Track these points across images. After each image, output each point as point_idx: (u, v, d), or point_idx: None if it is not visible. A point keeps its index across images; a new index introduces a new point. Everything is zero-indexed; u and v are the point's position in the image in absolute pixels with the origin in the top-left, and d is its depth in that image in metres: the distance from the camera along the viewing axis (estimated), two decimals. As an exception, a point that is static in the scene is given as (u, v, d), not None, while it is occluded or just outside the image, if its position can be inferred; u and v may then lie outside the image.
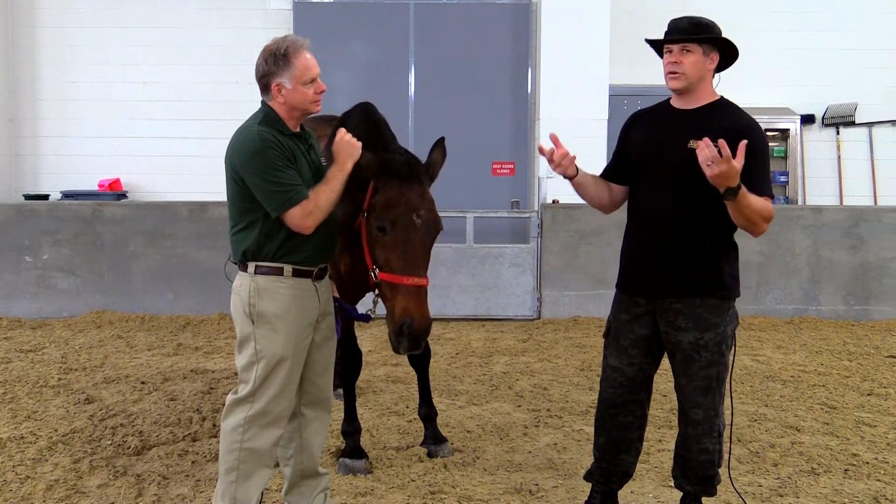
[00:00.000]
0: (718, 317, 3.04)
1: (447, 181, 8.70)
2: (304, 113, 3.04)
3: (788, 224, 8.02)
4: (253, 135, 2.91)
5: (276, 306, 2.96)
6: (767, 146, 3.05)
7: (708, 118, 3.04)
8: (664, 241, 3.06)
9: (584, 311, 7.98)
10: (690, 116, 3.08)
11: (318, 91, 3.00)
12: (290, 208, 2.87)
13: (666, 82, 3.10)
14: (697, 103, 3.09)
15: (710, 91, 3.11)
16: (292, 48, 2.94)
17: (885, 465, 4.06)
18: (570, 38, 8.59)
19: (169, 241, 7.97)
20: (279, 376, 2.97)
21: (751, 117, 3.06)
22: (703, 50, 3.03)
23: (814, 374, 5.92)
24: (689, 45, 3.02)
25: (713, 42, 3.04)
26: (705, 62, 3.04)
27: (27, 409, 4.89)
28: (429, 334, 3.10)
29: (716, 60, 3.06)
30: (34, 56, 9.58)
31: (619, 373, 3.21)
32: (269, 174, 2.86)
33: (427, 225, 3.15)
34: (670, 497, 3.61)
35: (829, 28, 9.72)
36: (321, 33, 9.13)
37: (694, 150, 2.91)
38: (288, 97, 2.96)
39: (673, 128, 3.08)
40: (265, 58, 2.97)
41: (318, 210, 2.91)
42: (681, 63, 3.03)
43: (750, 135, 2.95)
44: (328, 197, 2.94)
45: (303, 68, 2.94)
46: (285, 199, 2.86)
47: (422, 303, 3.06)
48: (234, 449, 2.98)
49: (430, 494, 3.64)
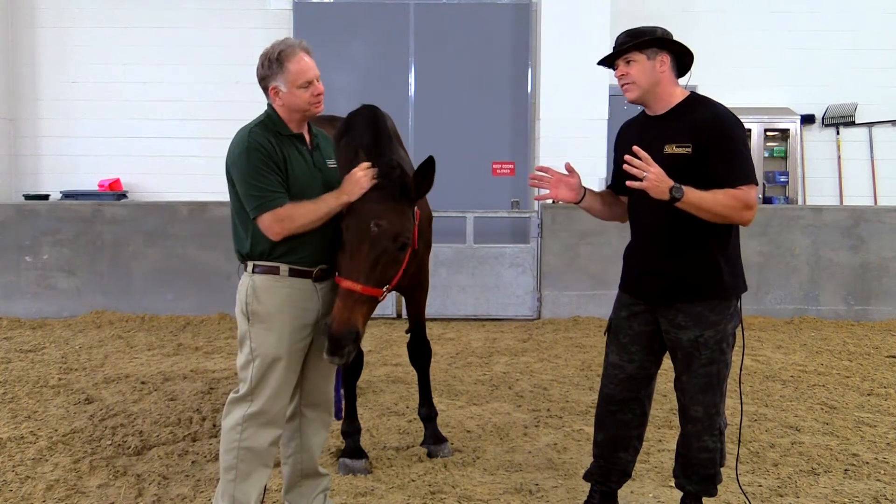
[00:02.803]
0: (719, 315, 3.05)
1: (447, 181, 8.73)
2: (305, 114, 3.04)
3: (788, 224, 8.03)
4: (243, 136, 2.95)
5: (271, 305, 2.96)
6: (741, 136, 3.02)
7: (679, 118, 3.05)
8: (659, 249, 3.08)
9: (584, 311, 7.98)
10: (662, 120, 3.10)
11: (316, 94, 2.99)
12: (262, 213, 2.87)
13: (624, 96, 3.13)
14: (666, 107, 3.10)
15: (673, 92, 3.10)
16: (286, 52, 2.94)
17: (885, 465, 4.06)
18: (570, 38, 8.60)
19: (169, 241, 7.97)
20: (274, 375, 2.97)
21: (722, 108, 3.05)
22: (647, 55, 3.04)
23: (814, 374, 5.92)
24: (629, 55, 3.05)
25: (654, 45, 3.04)
26: (654, 66, 3.04)
27: (27, 409, 4.89)
28: (346, 342, 2.88)
29: (666, 62, 3.06)
30: (34, 56, 9.59)
31: (620, 370, 3.22)
32: (249, 177, 2.88)
33: (382, 233, 3.01)
34: (670, 497, 3.61)
35: (829, 28, 9.73)
36: (321, 33, 9.14)
37: (672, 154, 2.95)
38: (285, 100, 2.97)
39: (650, 135, 3.10)
40: (262, 61, 2.99)
41: (289, 221, 2.88)
42: (627, 74, 3.07)
43: (717, 129, 2.96)
44: (306, 214, 2.91)
45: (297, 72, 2.93)
46: (258, 203, 2.87)
47: (346, 307, 2.91)
48: (233, 448, 2.98)
49: (430, 494, 3.64)
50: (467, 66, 9.37)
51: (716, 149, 2.94)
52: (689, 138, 2.97)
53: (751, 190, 2.94)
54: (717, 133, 2.95)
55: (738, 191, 2.91)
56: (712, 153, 2.94)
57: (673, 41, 3.08)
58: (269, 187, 2.88)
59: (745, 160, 2.99)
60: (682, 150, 2.98)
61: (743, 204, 2.92)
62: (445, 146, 8.92)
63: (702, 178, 2.96)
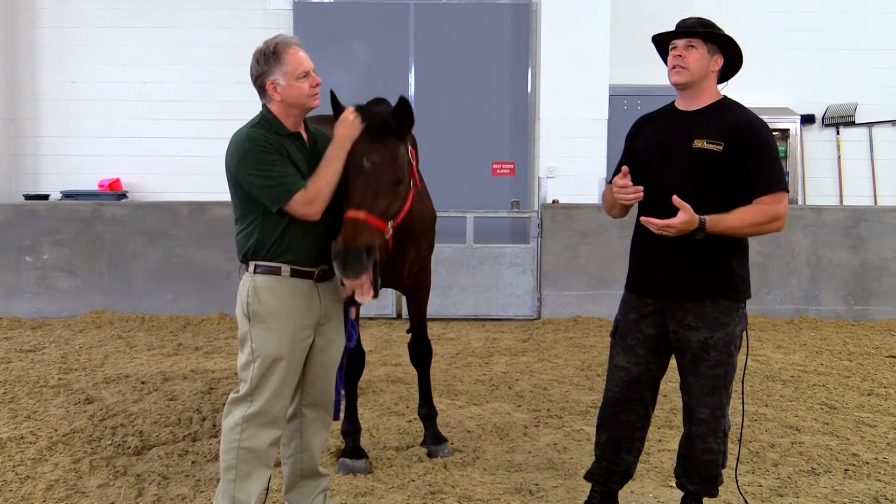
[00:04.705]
0: (728, 316, 3.05)
1: (447, 181, 8.74)
2: (303, 109, 3.04)
3: (788, 224, 7.92)
4: (242, 137, 2.95)
5: (272, 305, 2.96)
6: (773, 144, 3.05)
7: (711, 117, 3.06)
8: (670, 244, 3.04)
9: (584, 311, 7.98)
10: (694, 116, 3.10)
11: (314, 84, 3.00)
12: (288, 199, 2.87)
13: (669, 77, 3.13)
14: (700, 104, 3.11)
15: (712, 92, 3.13)
16: (282, 45, 2.95)
17: (885, 465, 4.06)
18: (570, 38, 8.60)
19: (169, 241, 7.97)
20: (275, 376, 2.97)
21: (754, 115, 3.08)
22: (708, 49, 3.06)
23: (814, 374, 5.92)
24: (693, 40, 3.06)
25: (718, 43, 3.07)
26: (709, 61, 3.07)
27: (27, 409, 4.89)
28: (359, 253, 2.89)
29: (719, 63, 3.09)
30: (34, 56, 9.58)
31: (626, 372, 3.21)
32: (260, 171, 2.88)
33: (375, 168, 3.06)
34: (670, 497, 3.61)
35: (830, 28, 9.73)
36: (321, 33, 9.14)
37: (701, 148, 2.95)
38: (284, 93, 2.97)
39: (677, 129, 3.10)
40: (257, 59, 2.99)
41: (320, 194, 2.91)
42: (685, 58, 3.06)
43: (752, 132, 2.98)
44: (329, 178, 2.94)
45: (294, 63, 2.95)
46: (281, 191, 2.87)
47: (352, 229, 2.93)
48: (233, 448, 2.98)
49: (430, 494, 3.64)
50: (467, 66, 9.36)
51: (752, 152, 2.96)
52: (722, 137, 2.98)
53: (783, 198, 2.97)
54: (753, 137, 2.97)
55: (767, 205, 2.94)
56: (749, 156, 2.96)
57: (738, 50, 3.11)
58: (282, 173, 2.88)
59: (779, 166, 3.02)
60: (714, 146, 2.98)
61: (771, 217, 2.95)
62: (445, 146, 8.92)
63: (728, 178, 2.97)
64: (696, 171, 2.95)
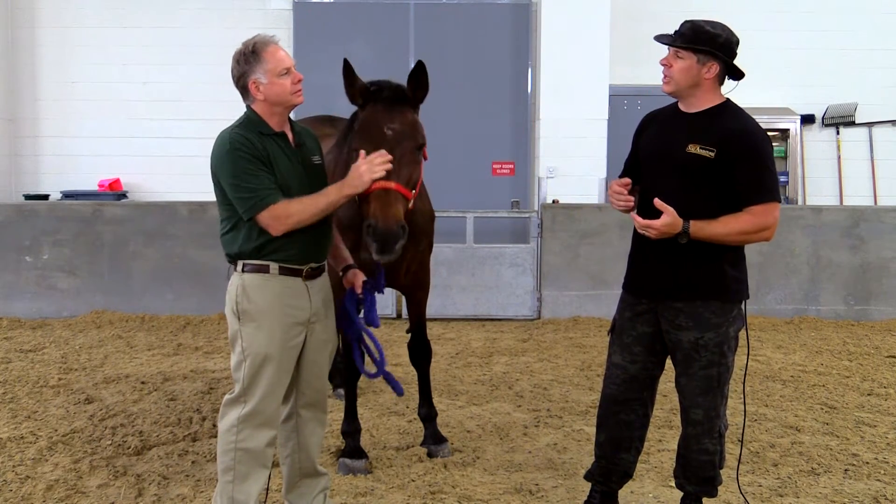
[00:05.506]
0: (720, 317, 3.04)
1: (447, 181, 8.73)
2: (287, 106, 3.03)
3: (788, 224, 8.01)
4: (224, 139, 2.95)
5: (260, 304, 2.95)
6: (769, 152, 3.02)
7: (709, 122, 3.03)
8: (664, 244, 3.05)
9: (584, 311, 7.97)
10: (692, 120, 3.08)
11: (296, 81, 3.00)
12: (258, 213, 2.87)
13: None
14: (699, 107, 3.08)
15: (711, 96, 3.07)
16: (260, 44, 2.96)
17: (885, 465, 4.06)
18: (570, 38, 8.60)
19: (169, 241, 7.97)
20: (266, 375, 2.96)
21: (754, 122, 3.04)
22: (698, 58, 2.99)
23: (814, 374, 5.92)
24: (680, 50, 3.01)
25: (708, 53, 2.98)
26: (699, 70, 3.00)
27: (27, 409, 4.89)
28: (397, 237, 3.03)
29: (714, 70, 3.01)
30: (34, 56, 9.59)
31: (622, 370, 3.22)
32: (237, 178, 2.87)
33: (397, 136, 3.17)
34: (670, 497, 3.61)
35: (829, 28, 9.73)
36: (321, 33, 9.14)
37: (694, 154, 2.94)
38: (266, 92, 2.96)
39: (676, 131, 3.09)
40: (237, 59, 2.99)
41: (287, 217, 2.88)
42: (670, 67, 3.05)
43: (746, 140, 2.96)
44: (304, 209, 2.90)
45: (275, 60, 2.95)
46: (251, 203, 2.87)
47: (387, 204, 3.03)
48: (230, 449, 2.98)
49: (430, 494, 3.64)
50: (467, 66, 9.37)
51: (744, 161, 2.93)
52: (715, 144, 2.96)
53: (774, 208, 2.95)
54: (747, 145, 2.94)
55: (756, 215, 2.93)
56: (740, 164, 2.93)
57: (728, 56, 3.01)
58: (258, 186, 2.87)
59: (772, 176, 2.99)
60: (706, 153, 2.97)
61: (759, 227, 2.94)
62: (445, 146, 8.91)
63: (719, 184, 2.96)
64: (689, 175, 2.93)
